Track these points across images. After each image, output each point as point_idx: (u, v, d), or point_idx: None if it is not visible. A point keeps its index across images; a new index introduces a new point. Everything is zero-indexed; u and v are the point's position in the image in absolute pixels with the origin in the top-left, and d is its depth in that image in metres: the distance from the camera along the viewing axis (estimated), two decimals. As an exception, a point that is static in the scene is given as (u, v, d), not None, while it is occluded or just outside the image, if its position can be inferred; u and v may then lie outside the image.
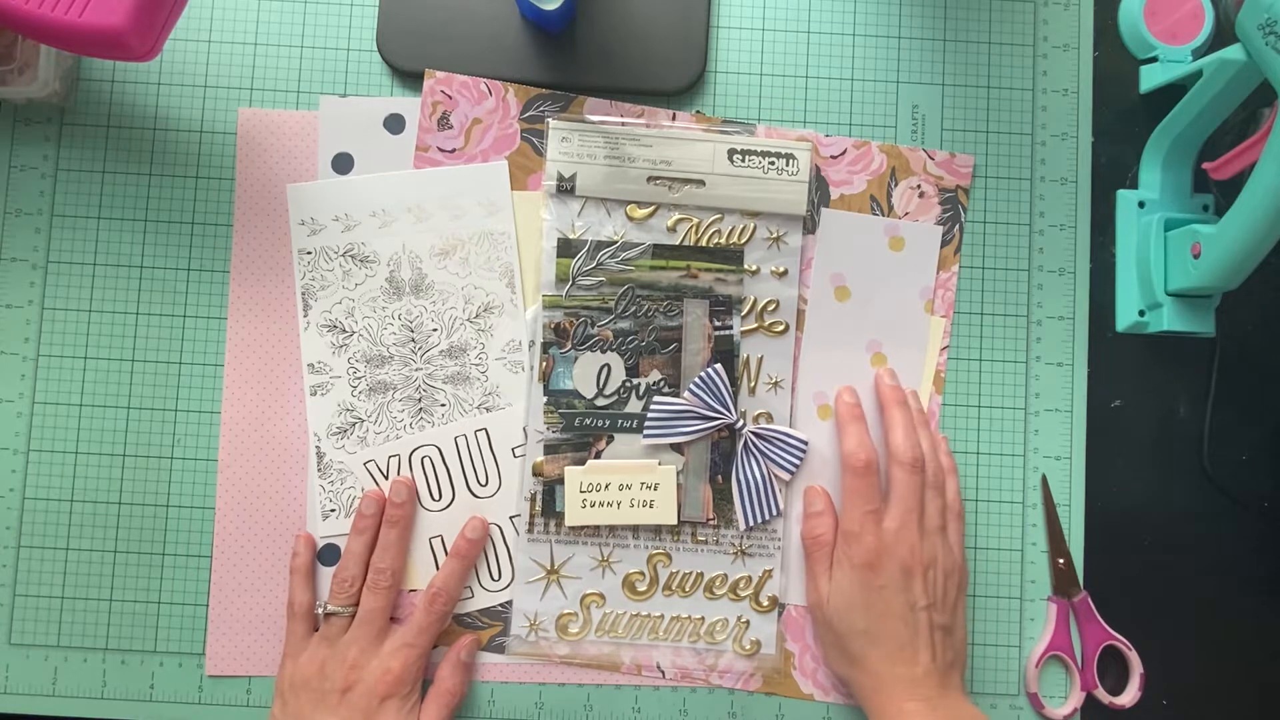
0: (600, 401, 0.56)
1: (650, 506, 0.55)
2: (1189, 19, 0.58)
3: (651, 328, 0.56)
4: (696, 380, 0.55)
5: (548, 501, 0.55)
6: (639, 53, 0.58)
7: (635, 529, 0.56)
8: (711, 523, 0.56)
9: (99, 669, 0.56)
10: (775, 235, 0.57)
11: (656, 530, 0.56)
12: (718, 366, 0.55)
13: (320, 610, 0.53)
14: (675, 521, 0.55)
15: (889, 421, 0.55)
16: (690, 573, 0.56)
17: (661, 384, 0.56)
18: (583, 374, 0.56)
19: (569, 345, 0.56)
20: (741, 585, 0.56)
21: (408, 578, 0.55)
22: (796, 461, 0.55)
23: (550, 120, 0.57)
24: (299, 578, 0.54)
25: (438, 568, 0.55)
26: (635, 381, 0.56)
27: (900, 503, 0.52)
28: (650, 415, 0.55)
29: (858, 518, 0.52)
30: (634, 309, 0.56)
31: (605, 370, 0.56)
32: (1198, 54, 0.58)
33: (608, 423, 0.56)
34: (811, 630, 0.56)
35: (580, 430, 0.56)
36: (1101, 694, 0.56)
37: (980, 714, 0.50)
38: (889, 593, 0.51)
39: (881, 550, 0.51)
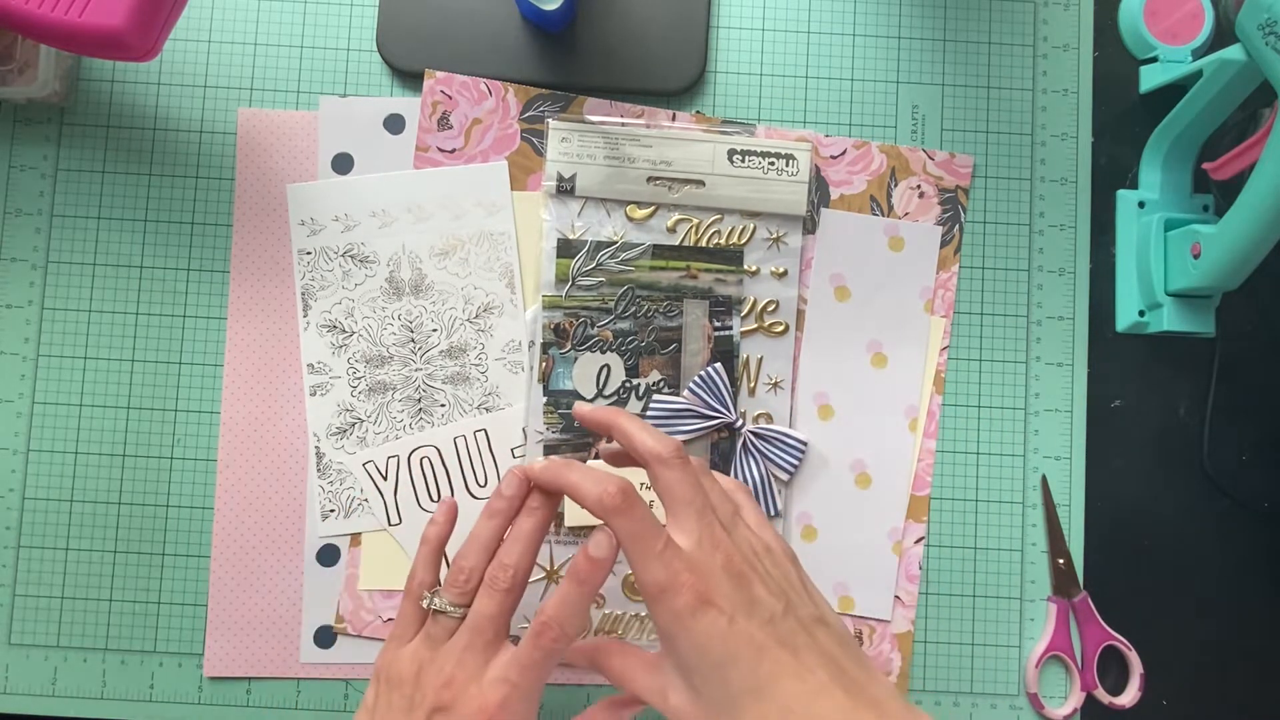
0: (600, 402, 0.56)
1: (650, 506, 0.55)
2: (1189, 19, 0.58)
3: (651, 328, 0.56)
4: (696, 379, 0.55)
5: (547, 501, 0.55)
6: (639, 53, 0.58)
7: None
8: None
9: (99, 669, 0.56)
10: (775, 236, 0.57)
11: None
12: (717, 365, 0.55)
13: (427, 604, 0.45)
14: None
15: (621, 433, 0.44)
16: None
17: (661, 384, 0.56)
18: (582, 374, 0.56)
19: (569, 346, 0.56)
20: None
21: (393, 579, 0.55)
22: (795, 462, 0.55)
23: (550, 120, 0.57)
24: (428, 549, 0.47)
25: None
26: (635, 382, 0.56)
27: (683, 507, 0.41)
28: (650, 414, 0.55)
29: (655, 561, 0.40)
30: (634, 309, 0.56)
31: (605, 370, 0.56)
32: (1198, 54, 0.58)
33: None
34: None
35: (580, 431, 0.55)
36: (1101, 694, 0.56)
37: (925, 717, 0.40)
38: (741, 623, 0.39)
39: (702, 573, 0.40)
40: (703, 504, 0.42)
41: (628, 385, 0.56)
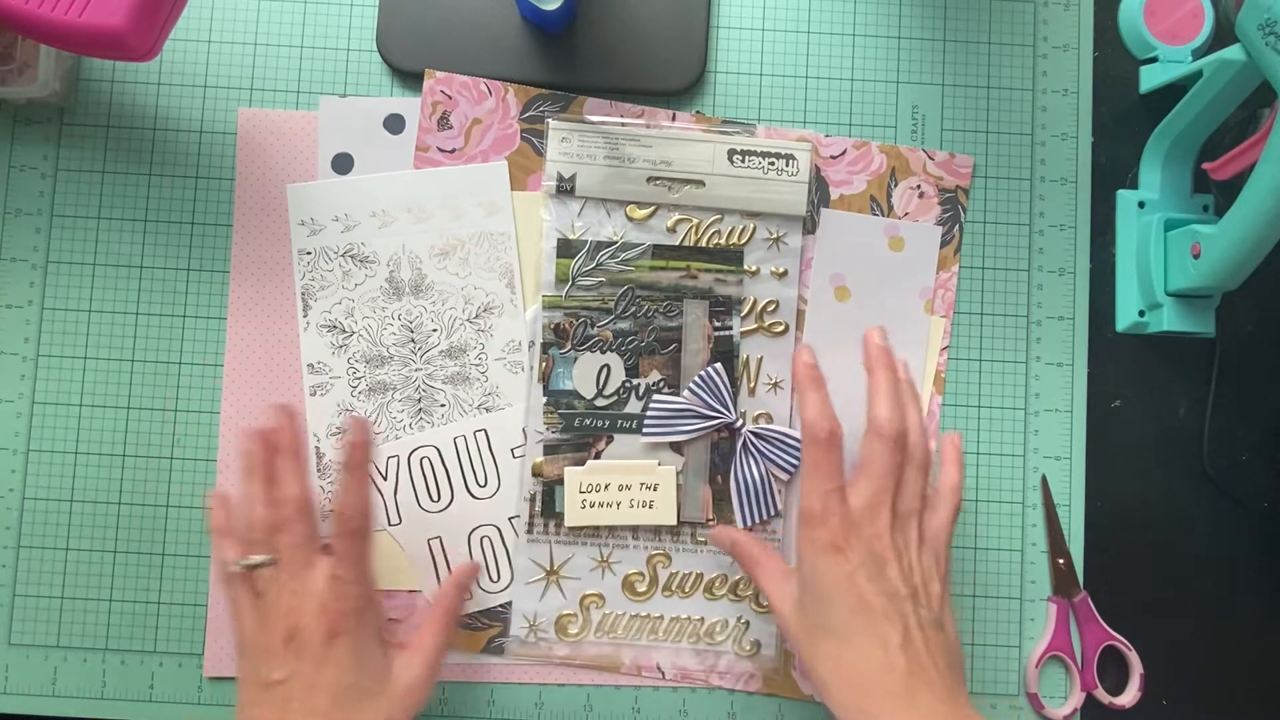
0: (600, 402, 0.56)
1: (650, 507, 0.55)
2: (1189, 19, 0.58)
3: (651, 328, 0.56)
4: (696, 379, 0.55)
5: (547, 502, 0.55)
6: (639, 53, 0.58)
7: (635, 529, 0.56)
8: (711, 523, 0.56)
9: (99, 669, 0.56)
10: (775, 236, 0.57)
11: (656, 530, 0.56)
12: (717, 366, 0.55)
13: (234, 568, 0.47)
14: (675, 522, 0.55)
15: (873, 387, 0.49)
16: (690, 573, 0.56)
17: (661, 384, 0.56)
18: (582, 374, 0.56)
19: (569, 346, 0.56)
20: (741, 586, 0.56)
21: (393, 579, 0.55)
22: (795, 462, 0.55)
23: (550, 121, 0.57)
24: (220, 536, 0.49)
25: (437, 572, 0.55)
26: (635, 382, 0.56)
27: (872, 479, 0.46)
28: (649, 414, 0.55)
29: (819, 495, 0.46)
30: (633, 309, 0.56)
31: (605, 370, 0.56)
32: (1198, 54, 0.58)
33: (607, 423, 0.56)
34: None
35: (580, 431, 0.55)
36: (1101, 694, 0.56)
37: None
38: (860, 579, 0.44)
39: (848, 531, 0.45)
40: (885, 484, 0.46)
41: (627, 385, 0.56)
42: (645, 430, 0.55)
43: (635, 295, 0.56)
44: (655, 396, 0.55)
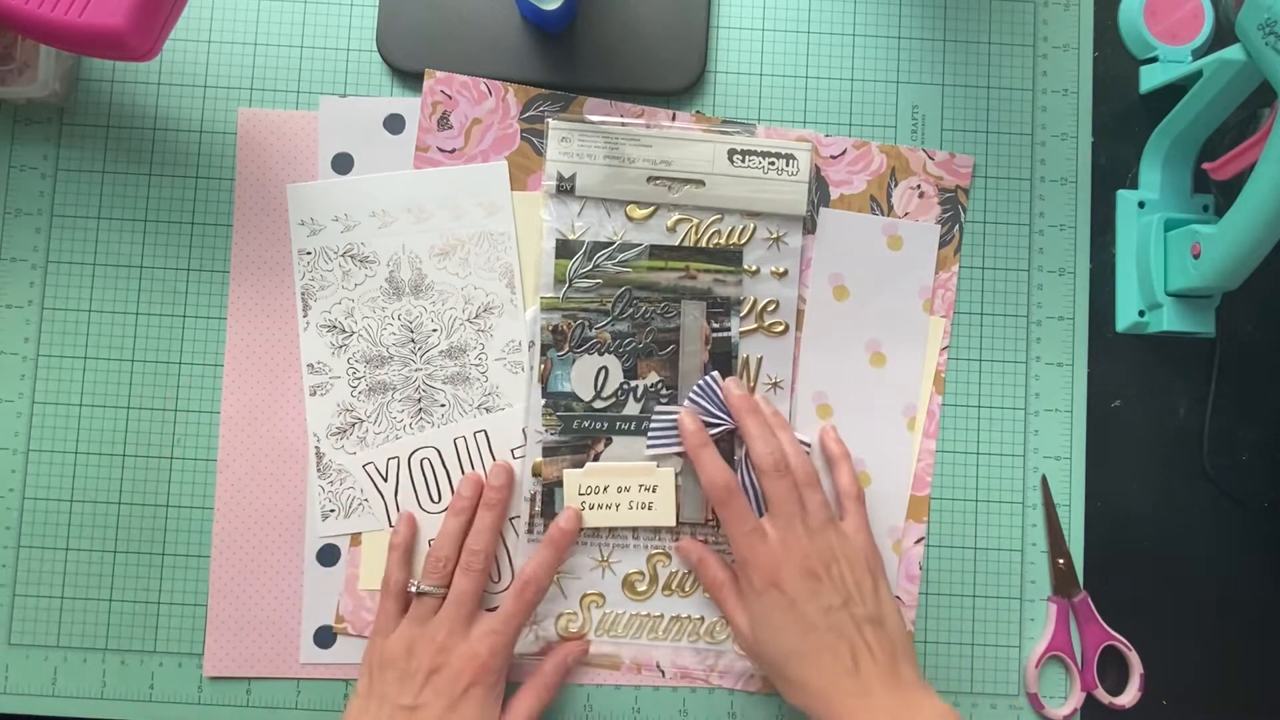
0: (598, 404, 0.56)
1: (649, 508, 0.55)
2: (1189, 19, 0.58)
3: (649, 329, 0.56)
4: (695, 389, 0.55)
5: (546, 502, 0.55)
6: (639, 53, 0.58)
7: (635, 529, 0.56)
8: (710, 523, 0.56)
9: (99, 669, 0.56)
10: (775, 236, 0.57)
11: (656, 530, 0.56)
12: (715, 374, 0.55)
13: (414, 589, 0.52)
14: (674, 523, 0.55)
15: (744, 432, 0.53)
16: (690, 573, 0.56)
17: (660, 386, 0.56)
18: (580, 376, 0.56)
19: (566, 347, 0.56)
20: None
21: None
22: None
23: (550, 120, 0.57)
24: (397, 554, 0.54)
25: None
26: (633, 384, 0.56)
27: (777, 511, 0.51)
28: (652, 427, 0.55)
29: (741, 541, 0.51)
30: (631, 311, 0.56)
31: (603, 372, 0.56)
32: (1198, 54, 0.58)
33: (606, 425, 0.56)
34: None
35: (578, 433, 0.55)
36: (1101, 694, 0.56)
37: (944, 707, 0.47)
38: (800, 604, 0.49)
39: (776, 565, 0.50)
40: (792, 509, 0.51)
41: (625, 387, 0.56)
42: (649, 444, 0.55)
43: (632, 297, 0.56)
44: (657, 409, 0.55)
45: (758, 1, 0.60)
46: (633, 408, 0.56)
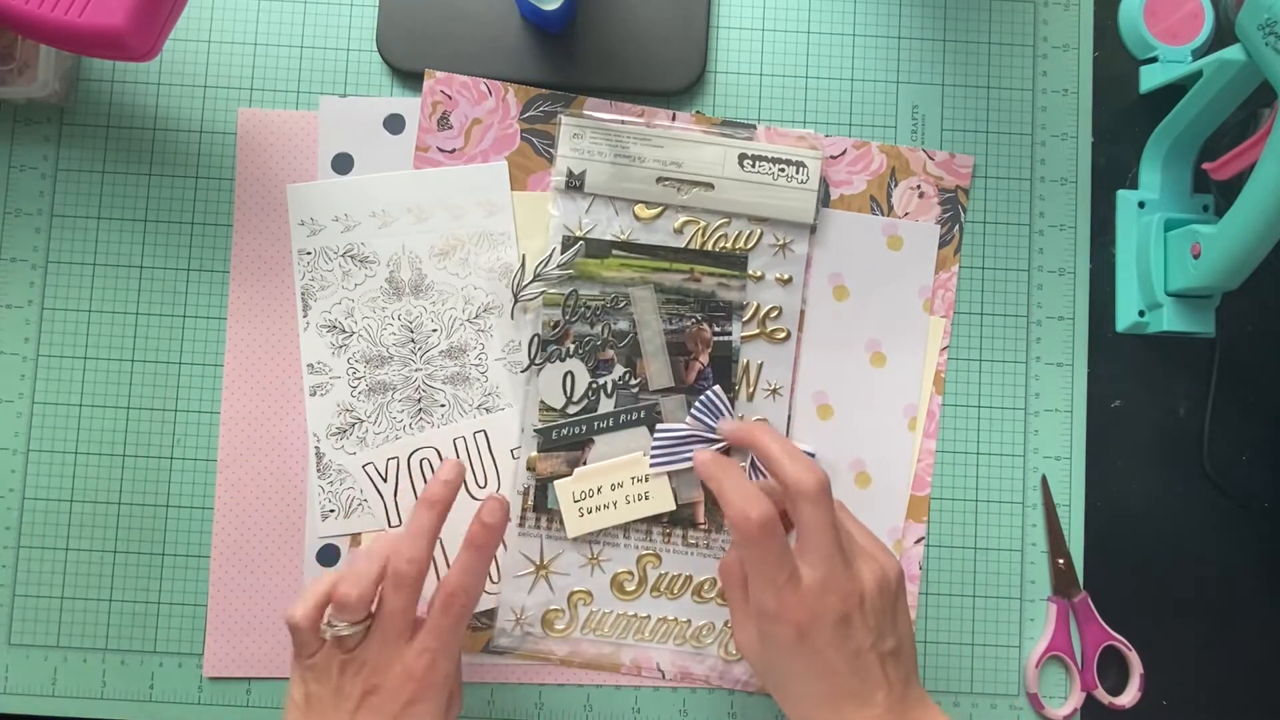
0: (571, 409, 0.56)
1: (646, 499, 0.55)
2: (1189, 19, 0.58)
3: (603, 324, 0.56)
4: (698, 405, 0.55)
5: (540, 497, 0.55)
6: (639, 53, 0.58)
7: (626, 529, 0.56)
8: (702, 526, 0.56)
9: (99, 669, 0.56)
10: (782, 242, 0.57)
11: (648, 531, 0.56)
12: (717, 389, 0.55)
13: (327, 634, 0.46)
14: (674, 506, 0.55)
15: (768, 456, 0.47)
16: (679, 575, 0.56)
17: (627, 376, 0.55)
18: (548, 386, 0.56)
19: (528, 364, 0.55)
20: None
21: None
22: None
23: (562, 116, 0.57)
24: (311, 585, 0.47)
25: (437, 573, 0.55)
26: (601, 380, 0.56)
27: (818, 547, 0.44)
28: (654, 445, 0.55)
29: (773, 592, 0.43)
30: (582, 312, 0.56)
31: (569, 378, 0.56)
32: (1198, 54, 0.58)
33: (584, 428, 0.56)
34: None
35: (558, 442, 0.55)
36: (1101, 694, 0.56)
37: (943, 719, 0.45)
38: (828, 654, 0.43)
39: (810, 618, 0.43)
40: (834, 546, 0.44)
41: (594, 386, 0.56)
42: (652, 462, 0.55)
43: (579, 297, 0.56)
44: (659, 426, 0.55)
45: (758, 1, 0.60)
46: (606, 405, 0.56)
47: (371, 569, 0.46)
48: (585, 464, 0.55)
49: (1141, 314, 0.58)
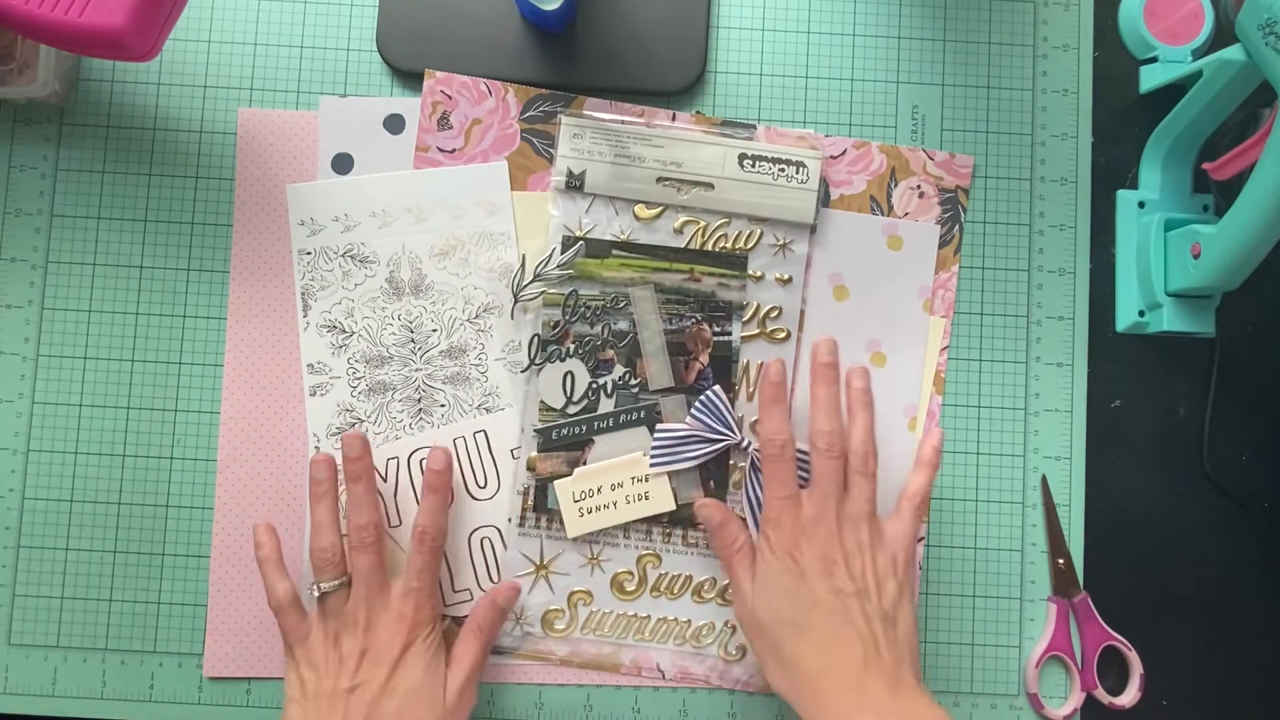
0: (571, 409, 0.56)
1: (645, 498, 0.55)
2: (1189, 19, 0.58)
3: (603, 325, 0.56)
4: (699, 404, 0.55)
5: (540, 497, 0.55)
6: (639, 53, 0.58)
7: (626, 529, 0.56)
8: (702, 527, 0.55)
9: (99, 669, 0.56)
10: (782, 242, 0.57)
11: (648, 531, 0.56)
12: (717, 389, 0.55)
13: (312, 592, 0.50)
14: (674, 506, 0.55)
15: (811, 402, 0.52)
16: (679, 575, 0.56)
17: (627, 376, 0.56)
18: (548, 386, 0.56)
19: (528, 364, 0.55)
20: (730, 591, 0.56)
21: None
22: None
23: (562, 116, 0.57)
24: (270, 568, 0.51)
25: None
26: (601, 380, 0.56)
27: (817, 488, 0.50)
28: (654, 445, 0.55)
29: (775, 504, 0.50)
30: (582, 312, 0.56)
31: (569, 378, 0.56)
32: (1198, 54, 0.58)
33: (584, 428, 0.56)
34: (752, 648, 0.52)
35: (558, 442, 0.55)
36: (1101, 694, 0.56)
37: (940, 712, 0.46)
38: (811, 577, 0.48)
39: (799, 535, 0.49)
40: (830, 491, 0.50)
41: (594, 386, 0.56)
42: (652, 462, 0.55)
43: (580, 297, 0.56)
44: (660, 426, 0.55)
45: (758, 1, 0.60)
46: (606, 405, 0.56)
47: (326, 518, 0.51)
48: (585, 464, 0.55)
49: (1141, 314, 0.58)
